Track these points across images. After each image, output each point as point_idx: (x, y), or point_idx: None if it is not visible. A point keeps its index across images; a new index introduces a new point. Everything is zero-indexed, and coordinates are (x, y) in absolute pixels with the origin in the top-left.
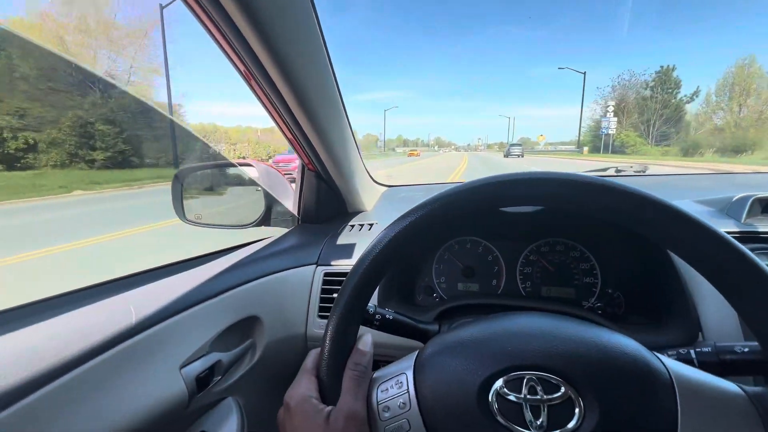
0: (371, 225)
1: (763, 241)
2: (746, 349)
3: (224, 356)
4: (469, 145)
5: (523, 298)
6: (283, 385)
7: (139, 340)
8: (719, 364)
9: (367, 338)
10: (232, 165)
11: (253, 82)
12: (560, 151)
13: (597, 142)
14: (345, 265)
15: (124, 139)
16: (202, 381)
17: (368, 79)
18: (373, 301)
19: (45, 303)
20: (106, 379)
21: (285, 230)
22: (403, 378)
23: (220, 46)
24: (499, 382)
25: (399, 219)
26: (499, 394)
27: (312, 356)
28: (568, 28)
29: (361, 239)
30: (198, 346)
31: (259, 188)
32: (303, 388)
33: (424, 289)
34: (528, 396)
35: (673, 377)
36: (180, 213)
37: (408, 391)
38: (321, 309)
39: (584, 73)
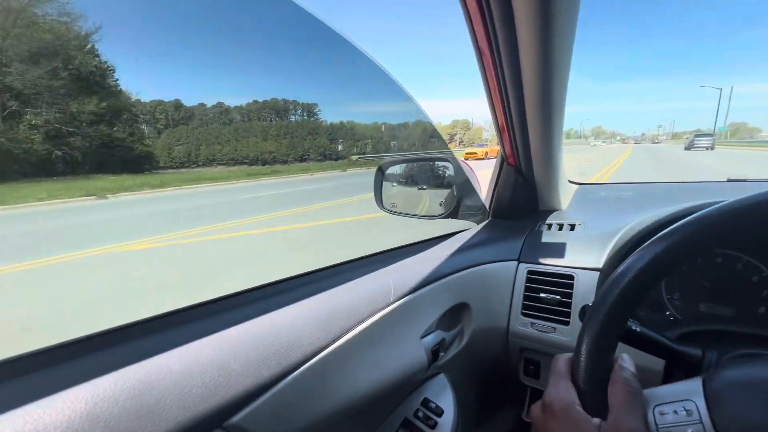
0: (573, 225)
1: None
2: None
3: (447, 335)
4: (643, 134)
5: None
6: (481, 372)
7: (395, 308)
8: None
9: (627, 356)
10: (429, 159)
11: (488, 58)
12: None
13: None
14: (554, 264)
15: None
16: (434, 354)
17: None
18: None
19: (334, 268)
20: (374, 338)
21: (470, 223)
22: (691, 406)
23: (470, 19)
24: None
25: (679, 227)
26: None
27: (563, 360)
28: None
29: (569, 240)
30: (431, 322)
31: (451, 181)
32: (565, 393)
33: (650, 304)
34: None
35: None
36: (379, 201)
37: (701, 422)
38: (525, 307)
39: None
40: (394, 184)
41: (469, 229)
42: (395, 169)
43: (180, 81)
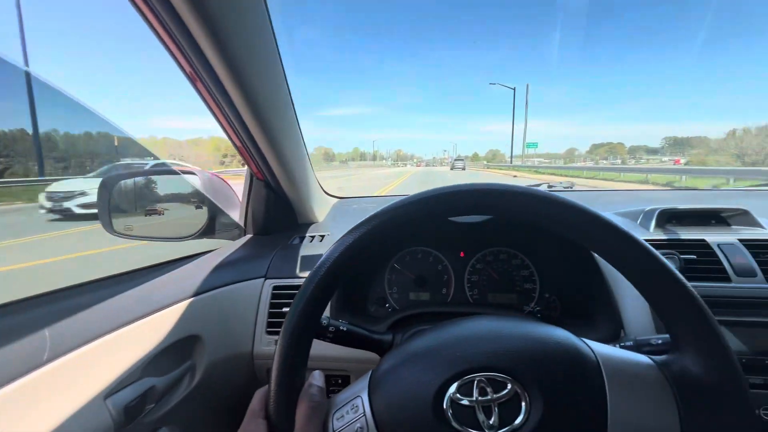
0: (323, 236)
1: (670, 247)
2: (660, 341)
3: (159, 381)
4: (434, 158)
5: (471, 305)
6: (227, 408)
7: (55, 368)
8: None
9: (318, 373)
10: (171, 173)
11: (199, 84)
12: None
13: None
14: (296, 277)
15: None
16: (133, 410)
17: (335, 94)
18: (326, 313)
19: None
20: (18, 414)
21: (231, 242)
22: (358, 401)
23: (164, 43)
24: (452, 388)
25: (352, 230)
26: (453, 400)
27: (259, 396)
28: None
29: (313, 251)
30: (127, 372)
31: (202, 197)
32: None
33: (377, 299)
34: (479, 398)
35: (598, 357)
36: (106, 224)
37: (365, 414)
38: (270, 324)
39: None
40: (128, 203)
41: (219, 248)
42: (127, 185)
43: None
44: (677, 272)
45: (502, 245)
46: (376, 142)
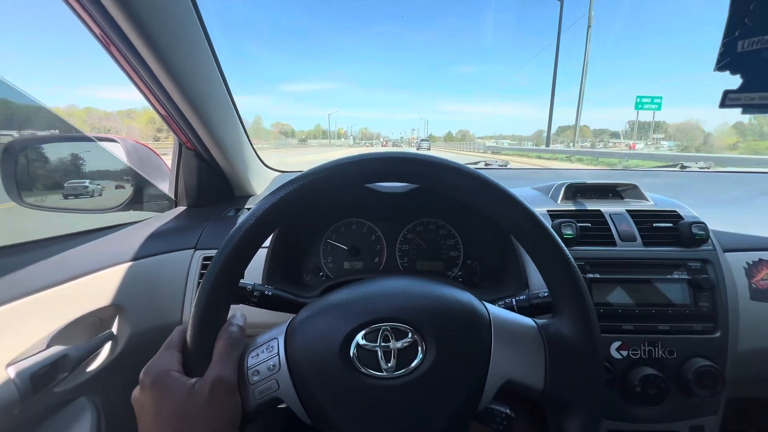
0: None
1: (570, 216)
2: (546, 294)
3: (72, 350)
4: (402, 137)
5: (401, 273)
6: None
7: None
8: (530, 307)
9: (240, 314)
10: (88, 139)
11: (113, 49)
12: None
13: None
14: None
15: None
16: (42, 379)
17: (298, 67)
18: (257, 280)
19: None
20: None
21: (161, 214)
22: (274, 343)
23: (68, 3)
24: (359, 335)
25: (269, 194)
26: (359, 345)
27: (178, 331)
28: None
29: None
30: (33, 341)
31: (126, 167)
32: (163, 362)
33: (312, 269)
34: (382, 344)
35: (490, 317)
36: (13, 193)
37: (278, 354)
38: None
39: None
40: (40, 171)
41: (147, 219)
42: (38, 152)
43: None
44: (558, 240)
45: (431, 216)
46: (333, 116)
